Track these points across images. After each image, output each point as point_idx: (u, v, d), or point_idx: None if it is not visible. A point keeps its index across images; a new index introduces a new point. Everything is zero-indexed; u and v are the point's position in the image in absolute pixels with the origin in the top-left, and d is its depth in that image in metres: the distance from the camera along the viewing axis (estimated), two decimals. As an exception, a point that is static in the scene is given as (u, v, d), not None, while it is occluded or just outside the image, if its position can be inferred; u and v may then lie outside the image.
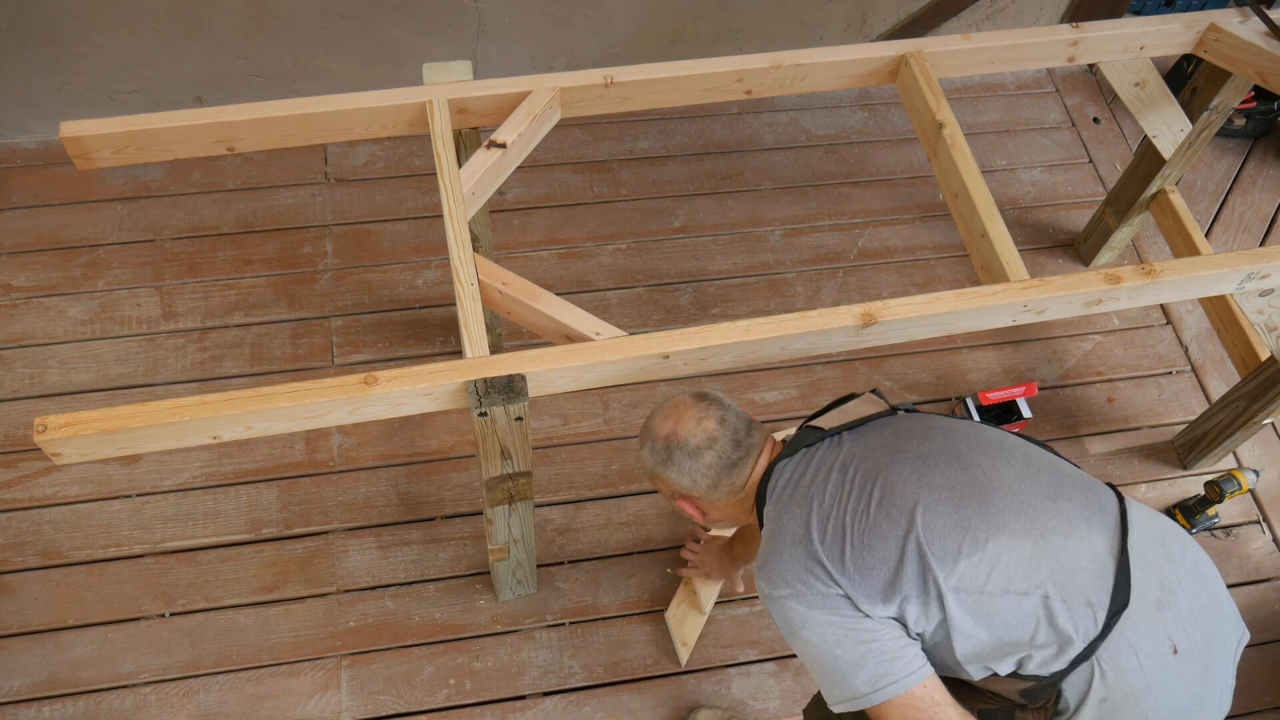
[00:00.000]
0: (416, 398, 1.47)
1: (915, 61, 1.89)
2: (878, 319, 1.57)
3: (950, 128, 1.81)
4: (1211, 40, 2.04)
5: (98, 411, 1.38)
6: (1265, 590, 2.40)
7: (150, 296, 2.60)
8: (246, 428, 1.45)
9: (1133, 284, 1.65)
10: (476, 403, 1.46)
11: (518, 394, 1.46)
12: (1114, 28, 1.98)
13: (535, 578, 2.20)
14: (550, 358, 1.49)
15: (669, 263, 2.77)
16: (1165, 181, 2.53)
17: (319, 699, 2.10)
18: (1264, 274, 1.73)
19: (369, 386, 1.44)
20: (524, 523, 1.88)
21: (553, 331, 1.61)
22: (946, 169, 1.82)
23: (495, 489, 1.71)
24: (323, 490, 2.35)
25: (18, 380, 2.45)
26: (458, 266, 1.56)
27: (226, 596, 2.21)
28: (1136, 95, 2.25)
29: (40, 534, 2.25)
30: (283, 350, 2.54)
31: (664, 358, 1.53)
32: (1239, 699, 2.25)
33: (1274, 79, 2.00)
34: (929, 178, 3.03)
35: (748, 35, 2.99)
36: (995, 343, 2.71)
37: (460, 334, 1.53)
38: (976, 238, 1.74)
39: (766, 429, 1.56)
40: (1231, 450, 2.53)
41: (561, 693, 2.15)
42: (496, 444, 1.57)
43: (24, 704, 2.06)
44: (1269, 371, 2.20)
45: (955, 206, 1.81)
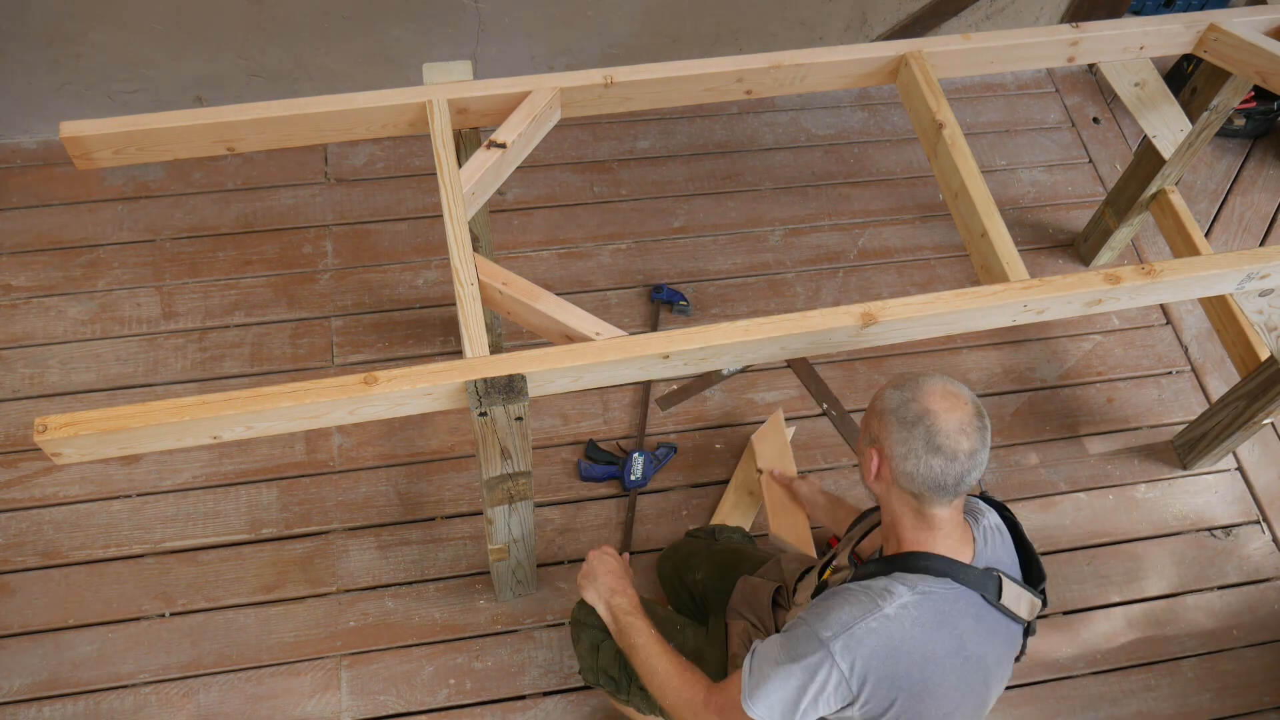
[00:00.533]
0: (417, 398, 1.47)
1: (915, 61, 1.89)
2: (878, 319, 1.57)
3: (950, 128, 1.81)
4: (1211, 40, 2.04)
5: (98, 411, 1.38)
6: (1265, 590, 2.40)
7: (150, 296, 2.60)
8: (247, 428, 1.45)
9: (1133, 284, 1.65)
10: (477, 402, 1.46)
11: (518, 394, 1.46)
12: (1114, 28, 1.98)
13: (535, 578, 2.20)
14: (550, 358, 1.49)
15: (669, 263, 2.77)
16: (1165, 181, 2.53)
17: (319, 699, 2.11)
18: (1264, 274, 1.73)
19: (369, 386, 1.44)
20: (524, 523, 1.88)
21: (552, 331, 1.61)
22: (947, 169, 1.82)
23: (495, 489, 1.71)
24: (323, 490, 2.35)
25: (18, 380, 2.45)
26: (458, 266, 1.56)
27: (226, 596, 2.21)
28: (1136, 95, 2.25)
29: (40, 534, 2.25)
30: (283, 350, 2.54)
31: (664, 358, 1.53)
32: (1239, 699, 2.26)
33: (1274, 79, 2.00)
34: (929, 178, 3.03)
35: (748, 35, 2.99)
36: (995, 343, 2.71)
37: (460, 334, 1.53)
38: (976, 238, 1.74)
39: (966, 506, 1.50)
40: (1231, 450, 2.53)
41: (561, 693, 2.15)
42: (496, 444, 1.57)
43: (24, 704, 2.06)
44: (1269, 371, 2.20)
45: (955, 206, 1.81)
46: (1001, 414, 2.59)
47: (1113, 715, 2.22)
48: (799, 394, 2.57)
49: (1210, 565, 2.42)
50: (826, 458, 2.49)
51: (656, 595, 2.22)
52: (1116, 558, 2.41)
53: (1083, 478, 2.51)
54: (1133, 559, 2.41)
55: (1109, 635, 2.31)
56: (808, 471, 2.45)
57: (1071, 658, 2.27)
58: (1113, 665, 2.27)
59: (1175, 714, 2.23)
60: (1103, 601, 2.35)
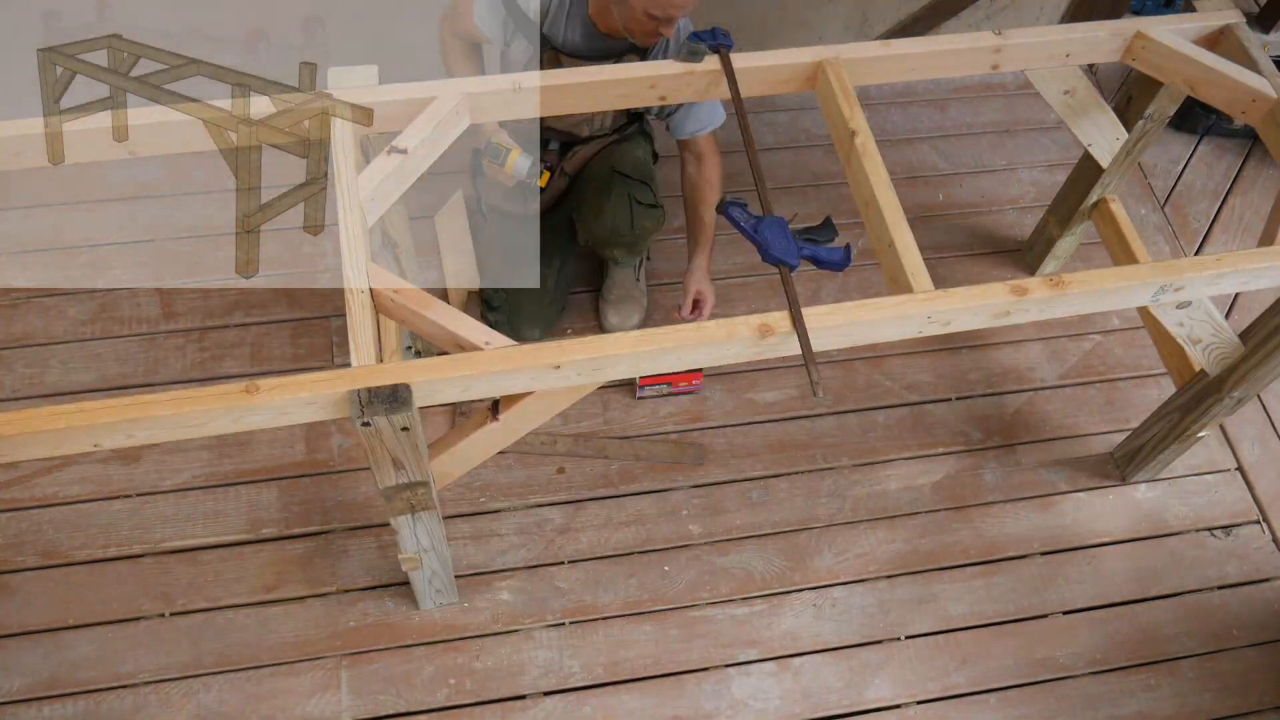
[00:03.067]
0: (300, 407, 1.46)
1: (831, 69, 1.86)
2: (774, 331, 1.56)
3: (862, 136, 1.78)
4: (1139, 48, 1.99)
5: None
6: (1265, 590, 2.40)
7: (150, 296, 2.60)
8: (128, 435, 1.43)
9: (1040, 295, 1.63)
10: (359, 412, 1.44)
11: (402, 404, 1.44)
12: (1038, 35, 1.95)
13: (454, 587, 2.17)
14: (437, 367, 1.47)
15: (669, 262, 2.77)
16: (1105, 190, 2.47)
17: (319, 699, 2.11)
18: (1178, 287, 1.70)
19: (251, 395, 1.42)
20: (431, 533, 1.86)
21: (444, 340, 1.59)
22: (858, 178, 1.78)
23: (394, 499, 1.69)
24: (323, 490, 2.35)
25: (18, 380, 2.45)
26: (349, 274, 1.54)
27: (226, 596, 2.21)
28: (1067, 103, 2.20)
29: (40, 534, 2.25)
30: (283, 350, 2.54)
31: (555, 368, 1.51)
32: (1239, 699, 2.25)
33: (1203, 88, 1.95)
34: (928, 178, 3.03)
35: (748, 35, 2.98)
36: (996, 343, 2.71)
37: (349, 343, 1.51)
38: (885, 248, 1.72)
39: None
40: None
41: (561, 693, 2.15)
42: (386, 454, 1.55)
43: (24, 704, 2.06)
44: (1200, 384, 2.15)
45: (866, 215, 1.79)
46: (1002, 414, 2.59)
47: (1113, 715, 2.22)
48: (799, 394, 2.58)
49: (1210, 565, 2.42)
50: (826, 458, 2.49)
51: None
52: (1116, 557, 2.41)
53: (1083, 477, 2.51)
54: (1133, 559, 2.41)
55: (1109, 635, 2.31)
56: (805, 472, 2.46)
57: (1071, 657, 2.27)
58: (1113, 665, 2.27)
59: (1175, 714, 2.23)
60: (1103, 601, 2.35)
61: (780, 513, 2.40)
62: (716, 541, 2.35)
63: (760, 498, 2.42)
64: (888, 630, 2.27)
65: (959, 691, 2.22)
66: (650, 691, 2.16)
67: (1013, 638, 2.28)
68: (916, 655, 2.25)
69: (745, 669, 2.21)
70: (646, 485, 2.41)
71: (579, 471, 2.42)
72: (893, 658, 2.24)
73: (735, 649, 2.23)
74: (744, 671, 2.20)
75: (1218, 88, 1.94)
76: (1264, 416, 2.65)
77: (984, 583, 2.35)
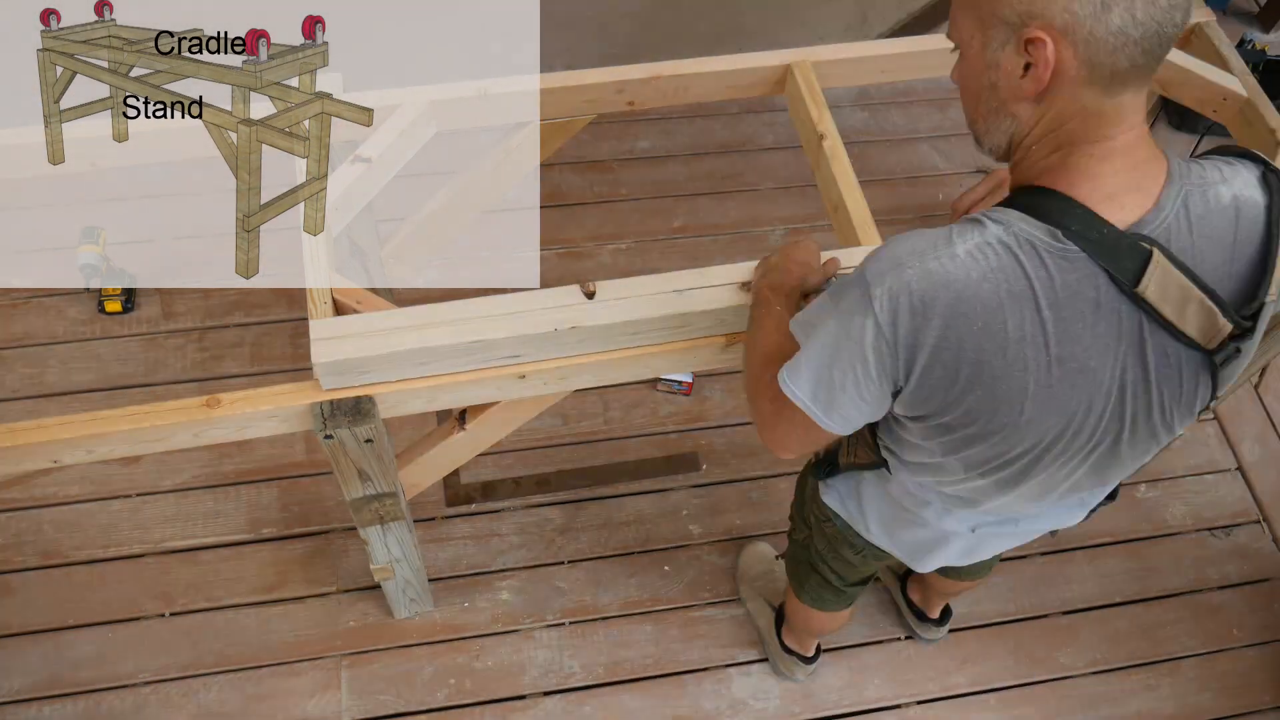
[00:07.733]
0: (262, 420, 1.44)
1: (800, 72, 1.85)
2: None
3: (831, 139, 1.76)
4: None
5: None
6: (1265, 590, 2.40)
7: (150, 296, 2.60)
8: (88, 451, 1.41)
9: None
10: (321, 425, 1.42)
11: (365, 416, 1.42)
12: None
13: (429, 594, 2.16)
14: (403, 378, 1.45)
15: (669, 263, 2.77)
16: None
17: (319, 699, 2.11)
18: None
19: (212, 409, 1.40)
20: (403, 542, 1.85)
21: None
22: (827, 181, 1.77)
23: (361, 510, 1.68)
24: (323, 490, 2.35)
25: (18, 380, 2.45)
26: (311, 284, 1.53)
27: (226, 596, 2.21)
28: None
29: (40, 534, 2.25)
30: (283, 350, 2.54)
31: (520, 378, 1.49)
32: (1239, 699, 2.26)
33: (1175, 88, 1.94)
34: (929, 178, 3.03)
35: (748, 35, 2.99)
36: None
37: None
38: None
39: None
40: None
41: (561, 693, 2.15)
42: (351, 466, 1.53)
43: (24, 704, 2.06)
44: None
45: (835, 219, 1.77)
46: (1001, 414, 2.59)
47: (1113, 715, 2.22)
48: (799, 394, 2.57)
49: (1210, 565, 2.42)
50: (826, 458, 2.49)
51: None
52: (1117, 557, 2.41)
53: (1083, 478, 2.51)
54: (1133, 559, 2.41)
55: (1109, 635, 2.31)
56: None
57: (1071, 657, 2.27)
58: (1113, 665, 2.27)
59: (1175, 714, 2.23)
60: (1103, 601, 2.35)
61: (780, 513, 2.40)
62: (716, 541, 2.35)
63: (760, 498, 2.42)
64: (888, 630, 2.27)
65: (959, 691, 2.22)
66: (650, 691, 2.16)
67: (1013, 638, 2.28)
68: (916, 655, 2.25)
69: (745, 669, 2.20)
70: (646, 485, 2.41)
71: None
72: (893, 658, 2.24)
73: (735, 649, 2.22)
74: (744, 671, 2.20)
75: (1189, 87, 1.93)
76: (1264, 416, 2.65)
77: (983, 582, 2.35)
